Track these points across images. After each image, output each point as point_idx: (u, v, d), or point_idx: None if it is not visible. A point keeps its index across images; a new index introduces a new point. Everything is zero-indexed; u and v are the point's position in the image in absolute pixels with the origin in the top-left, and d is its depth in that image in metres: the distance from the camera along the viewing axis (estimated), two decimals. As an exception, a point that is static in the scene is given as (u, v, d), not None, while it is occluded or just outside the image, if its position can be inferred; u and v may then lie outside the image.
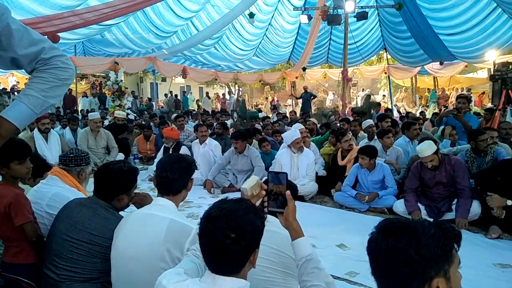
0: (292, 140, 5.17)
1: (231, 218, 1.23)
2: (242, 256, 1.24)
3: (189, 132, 7.78)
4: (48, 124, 6.47)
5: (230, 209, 1.26)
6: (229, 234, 1.20)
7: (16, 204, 2.06)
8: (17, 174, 2.18)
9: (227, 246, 1.20)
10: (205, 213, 1.29)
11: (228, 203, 1.30)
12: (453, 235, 1.03)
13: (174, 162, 1.89)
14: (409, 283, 1.00)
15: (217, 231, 1.21)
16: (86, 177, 2.63)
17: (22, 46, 1.38)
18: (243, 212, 1.26)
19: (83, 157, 2.58)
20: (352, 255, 3.33)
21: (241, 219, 1.23)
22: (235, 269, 1.24)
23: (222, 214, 1.24)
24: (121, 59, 11.76)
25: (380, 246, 1.03)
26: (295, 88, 18.66)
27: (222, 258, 1.22)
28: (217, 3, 12.45)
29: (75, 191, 2.39)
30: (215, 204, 1.32)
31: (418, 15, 11.27)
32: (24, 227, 2.07)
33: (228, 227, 1.21)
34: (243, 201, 1.34)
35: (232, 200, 1.32)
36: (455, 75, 16.95)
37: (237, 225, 1.22)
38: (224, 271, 1.24)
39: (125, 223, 1.89)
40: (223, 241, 1.20)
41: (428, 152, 4.05)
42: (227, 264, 1.23)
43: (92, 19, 8.08)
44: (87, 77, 21.27)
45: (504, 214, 3.68)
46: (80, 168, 2.56)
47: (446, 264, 1.00)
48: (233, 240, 1.20)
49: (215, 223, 1.23)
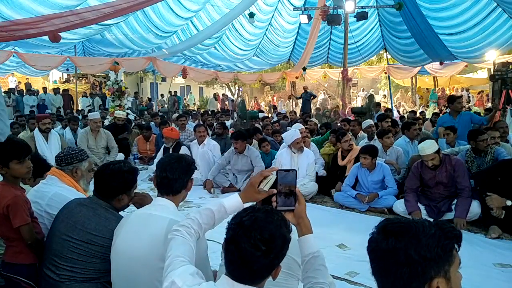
0: (292, 140, 5.17)
1: (265, 229, 1.19)
2: (267, 269, 1.21)
3: (190, 132, 7.78)
4: (49, 124, 6.48)
5: (264, 220, 1.21)
6: (260, 246, 1.16)
7: (14, 206, 2.06)
8: (17, 173, 2.17)
9: (256, 258, 1.16)
10: (237, 219, 1.24)
11: (261, 212, 1.25)
12: (454, 235, 1.02)
13: (174, 162, 1.89)
14: (409, 283, 1.00)
15: (249, 240, 1.17)
16: (83, 175, 2.54)
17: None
18: (277, 224, 1.22)
19: (73, 155, 2.50)
20: (352, 255, 3.33)
21: (274, 231, 1.20)
22: (258, 280, 1.22)
23: (256, 223, 1.20)
24: (121, 59, 11.78)
25: (381, 246, 1.03)
26: (295, 88, 18.67)
27: (248, 269, 1.18)
28: (217, 3, 12.44)
29: (74, 191, 2.38)
30: (247, 211, 1.27)
31: (418, 15, 11.27)
32: (21, 230, 2.07)
33: (261, 238, 1.17)
34: (276, 212, 1.30)
35: (265, 210, 1.28)
36: (455, 75, 16.95)
37: (269, 237, 1.18)
38: (246, 281, 1.20)
39: (125, 223, 1.89)
40: (253, 253, 1.16)
41: (429, 151, 4.06)
42: (251, 275, 1.20)
43: (92, 18, 8.08)
44: (87, 77, 21.28)
45: (503, 214, 3.68)
46: (72, 166, 2.49)
47: (446, 264, 1.00)
48: (263, 252, 1.16)
49: (247, 232, 1.18)
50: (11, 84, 17.86)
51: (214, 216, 1.57)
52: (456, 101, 5.96)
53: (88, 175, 2.60)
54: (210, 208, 1.58)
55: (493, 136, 4.66)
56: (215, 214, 1.57)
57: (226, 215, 1.57)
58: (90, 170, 2.62)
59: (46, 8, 8.45)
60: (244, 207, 1.36)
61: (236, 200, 1.59)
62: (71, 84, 18.96)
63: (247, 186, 1.59)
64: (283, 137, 5.52)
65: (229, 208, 1.58)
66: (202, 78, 17.29)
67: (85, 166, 2.56)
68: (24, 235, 2.08)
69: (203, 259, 1.75)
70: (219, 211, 1.57)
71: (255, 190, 1.55)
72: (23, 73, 16.01)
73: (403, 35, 12.98)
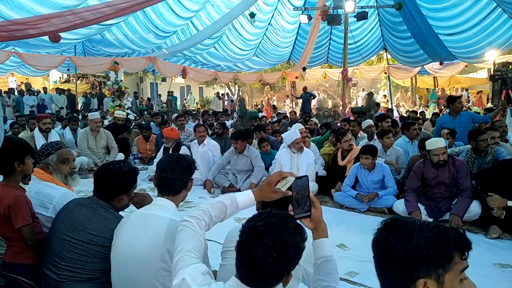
0: (292, 141, 5.16)
1: (278, 236, 1.17)
2: (278, 277, 1.20)
3: (190, 132, 7.78)
4: (49, 124, 6.50)
5: (278, 227, 1.19)
6: (272, 253, 1.15)
7: (15, 207, 2.06)
8: (28, 169, 2.22)
9: (267, 265, 1.15)
10: (251, 223, 1.23)
11: (276, 218, 1.23)
12: (455, 242, 1.01)
13: (174, 162, 1.89)
14: (396, 278, 1.02)
15: (261, 246, 1.15)
16: (54, 168, 2.45)
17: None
18: (291, 232, 1.20)
19: (41, 151, 2.46)
20: (352, 255, 3.32)
21: (287, 239, 1.18)
22: (268, 286, 1.21)
23: (269, 230, 1.18)
24: (121, 59, 11.78)
25: (377, 239, 1.08)
26: (295, 88, 18.67)
27: (258, 274, 1.17)
28: (217, 2, 12.45)
29: (56, 186, 2.38)
30: (262, 216, 1.25)
31: (418, 15, 11.27)
32: (22, 230, 2.07)
33: (273, 245, 1.15)
34: (291, 219, 1.27)
35: (280, 216, 1.25)
36: (455, 75, 16.95)
37: (282, 245, 1.16)
38: (255, 285, 1.20)
39: (125, 223, 1.89)
40: (264, 259, 1.15)
41: (441, 144, 4.12)
42: (261, 281, 1.19)
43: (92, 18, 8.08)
44: (87, 77, 21.29)
45: (504, 215, 3.68)
46: (41, 162, 2.44)
47: (439, 268, 0.99)
48: (274, 260, 1.15)
49: (260, 237, 1.17)
50: (11, 84, 17.87)
51: (226, 210, 1.55)
52: (457, 101, 5.96)
53: (63, 168, 2.47)
54: (222, 202, 1.56)
55: (493, 136, 4.66)
56: (227, 208, 1.55)
57: (237, 210, 1.56)
58: (65, 162, 2.48)
59: (46, 8, 8.46)
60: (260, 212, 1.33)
61: (249, 197, 1.57)
62: (71, 84, 18.97)
63: (264, 183, 1.56)
64: (283, 137, 5.52)
65: (242, 203, 1.57)
66: (202, 78, 17.29)
67: (53, 160, 2.45)
68: (25, 236, 2.08)
69: (203, 258, 1.75)
70: (232, 205, 1.55)
71: (271, 189, 1.52)
72: (23, 73, 16.02)
73: (403, 35, 12.98)
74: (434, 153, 4.12)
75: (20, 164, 2.16)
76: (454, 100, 5.98)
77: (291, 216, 1.34)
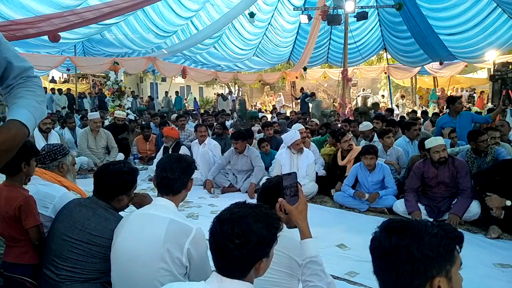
0: (292, 142, 5.16)
1: (237, 224, 1.23)
2: (244, 263, 1.23)
3: (190, 132, 7.78)
4: (49, 124, 6.50)
5: (240, 215, 1.25)
6: (234, 239, 1.20)
7: (26, 207, 2.06)
8: (32, 171, 2.22)
9: (230, 251, 1.21)
10: (218, 214, 1.30)
11: (241, 207, 1.30)
12: (455, 236, 1.03)
13: (174, 162, 1.89)
14: (411, 281, 1.00)
15: (222, 234, 1.22)
16: (69, 168, 2.54)
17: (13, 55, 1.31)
18: (252, 219, 1.24)
19: (56, 150, 2.50)
20: (352, 255, 3.33)
21: (247, 226, 1.22)
22: (238, 273, 1.24)
23: (230, 218, 1.24)
24: (121, 59, 11.78)
25: (383, 244, 1.04)
26: (295, 88, 18.67)
27: (225, 261, 1.22)
28: (217, 2, 12.45)
29: (56, 186, 2.38)
30: (230, 207, 1.32)
31: (418, 15, 11.27)
32: (31, 230, 2.07)
33: (232, 233, 1.21)
34: (258, 207, 1.31)
35: (247, 206, 1.31)
36: (455, 75, 16.95)
37: (241, 232, 1.21)
38: (229, 273, 1.24)
39: (125, 223, 1.88)
40: (227, 245, 1.21)
41: (441, 141, 4.14)
42: (230, 268, 1.23)
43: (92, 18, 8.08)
44: (87, 77, 21.28)
45: (503, 214, 3.68)
46: (58, 161, 2.48)
47: (448, 264, 1.01)
48: (236, 246, 1.20)
49: (222, 226, 1.23)
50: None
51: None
52: (457, 102, 5.96)
53: (73, 169, 2.60)
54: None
55: (493, 137, 4.66)
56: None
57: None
58: (74, 164, 2.62)
59: (46, 8, 8.46)
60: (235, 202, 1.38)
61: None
62: (71, 84, 18.95)
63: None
64: (283, 138, 5.52)
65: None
66: (202, 78, 17.27)
67: (69, 160, 2.55)
68: (33, 236, 2.08)
69: (203, 258, 1.76)
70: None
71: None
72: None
73: (403, 35, 12.99)
74: (435, 150, 4.12)
75: (26, 165, 2.15)
76: (454, 101, 5.98)
77: (264, 205, 1.38)
